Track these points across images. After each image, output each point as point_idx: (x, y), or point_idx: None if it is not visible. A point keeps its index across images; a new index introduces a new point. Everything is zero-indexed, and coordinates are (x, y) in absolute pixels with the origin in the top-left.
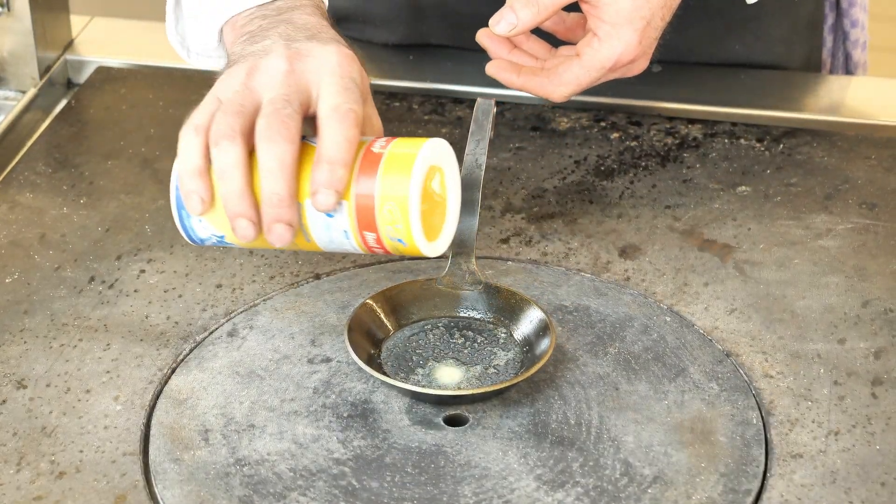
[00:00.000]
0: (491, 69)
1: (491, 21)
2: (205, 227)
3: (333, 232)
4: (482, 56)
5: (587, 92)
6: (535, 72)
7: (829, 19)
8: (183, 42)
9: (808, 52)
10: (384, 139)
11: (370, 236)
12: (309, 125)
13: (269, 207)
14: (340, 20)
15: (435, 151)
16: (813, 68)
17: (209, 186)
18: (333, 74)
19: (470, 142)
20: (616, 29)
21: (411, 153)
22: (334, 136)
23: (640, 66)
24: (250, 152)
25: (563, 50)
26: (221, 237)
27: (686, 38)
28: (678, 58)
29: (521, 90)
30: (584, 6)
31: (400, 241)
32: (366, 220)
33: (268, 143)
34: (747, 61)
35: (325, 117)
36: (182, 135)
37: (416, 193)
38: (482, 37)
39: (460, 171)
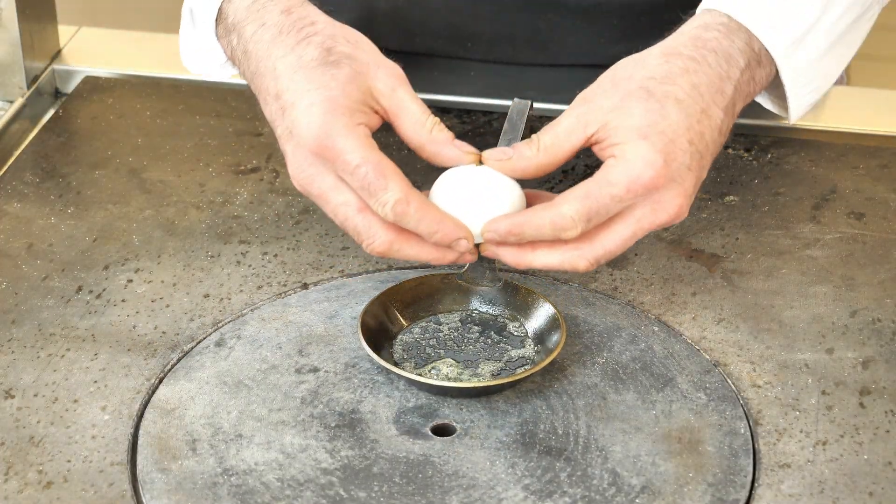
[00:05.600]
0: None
1: (484, 154)
2: None
3: None
4: (472, 65)
5: None
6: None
7: None
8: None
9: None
10: None
11: None
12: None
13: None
14: None
15: None
16: None
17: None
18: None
19: (501, 140)
20: (631, 145)
21: None
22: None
23: (678, 205)
24: None
25: None
26: None
27: (650, 45)
28: None
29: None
30: (595, 147)
31: None
32: None
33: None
34: None
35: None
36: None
37: None
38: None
39: None
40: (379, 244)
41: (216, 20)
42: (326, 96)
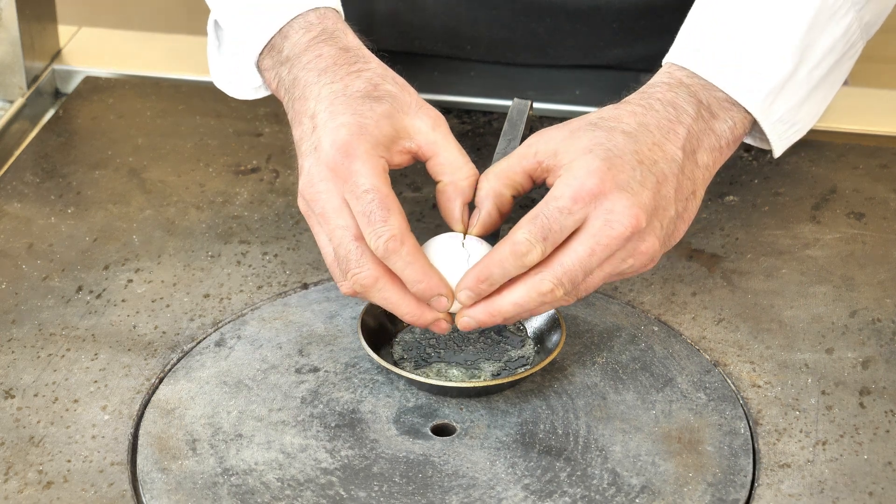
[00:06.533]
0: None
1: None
2: None
3: None
4: (472, 66)
5: (576, 101)
6: None
7: None
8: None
9: None
10: None
11: None
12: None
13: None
14: None
15: None
16: None
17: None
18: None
19: (501, 140)
20: (576, 161)
21: None
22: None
23: (634, 216)
24: None
25: None
26: None
27: (662, 45)
28: (652, 66)
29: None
30: (548, 178)
31: None
32: None
33: (382, 250)
34: None
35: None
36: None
37: None
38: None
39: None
40: (366, 276)
41: (261, 52)
42: (358, 122)
